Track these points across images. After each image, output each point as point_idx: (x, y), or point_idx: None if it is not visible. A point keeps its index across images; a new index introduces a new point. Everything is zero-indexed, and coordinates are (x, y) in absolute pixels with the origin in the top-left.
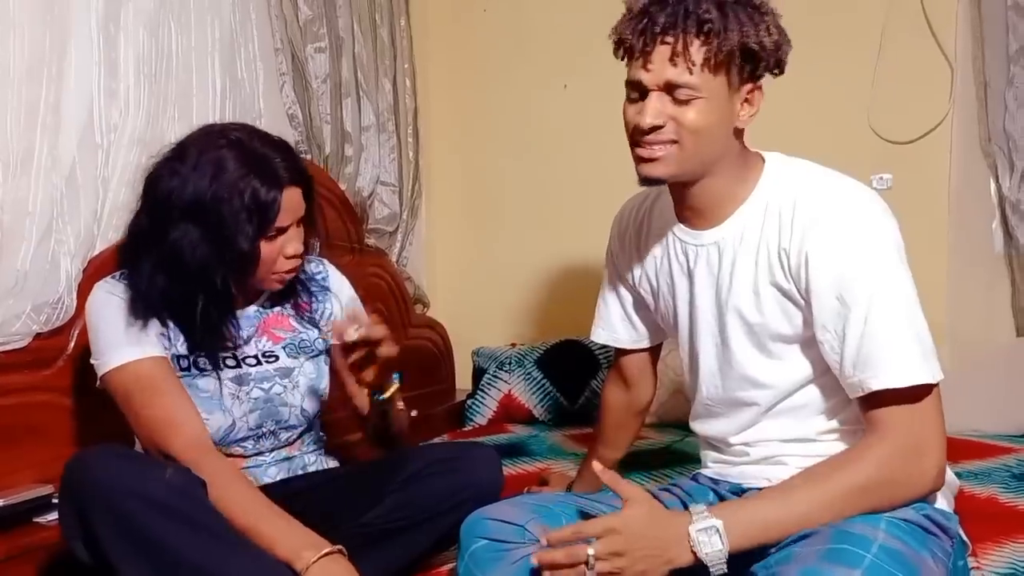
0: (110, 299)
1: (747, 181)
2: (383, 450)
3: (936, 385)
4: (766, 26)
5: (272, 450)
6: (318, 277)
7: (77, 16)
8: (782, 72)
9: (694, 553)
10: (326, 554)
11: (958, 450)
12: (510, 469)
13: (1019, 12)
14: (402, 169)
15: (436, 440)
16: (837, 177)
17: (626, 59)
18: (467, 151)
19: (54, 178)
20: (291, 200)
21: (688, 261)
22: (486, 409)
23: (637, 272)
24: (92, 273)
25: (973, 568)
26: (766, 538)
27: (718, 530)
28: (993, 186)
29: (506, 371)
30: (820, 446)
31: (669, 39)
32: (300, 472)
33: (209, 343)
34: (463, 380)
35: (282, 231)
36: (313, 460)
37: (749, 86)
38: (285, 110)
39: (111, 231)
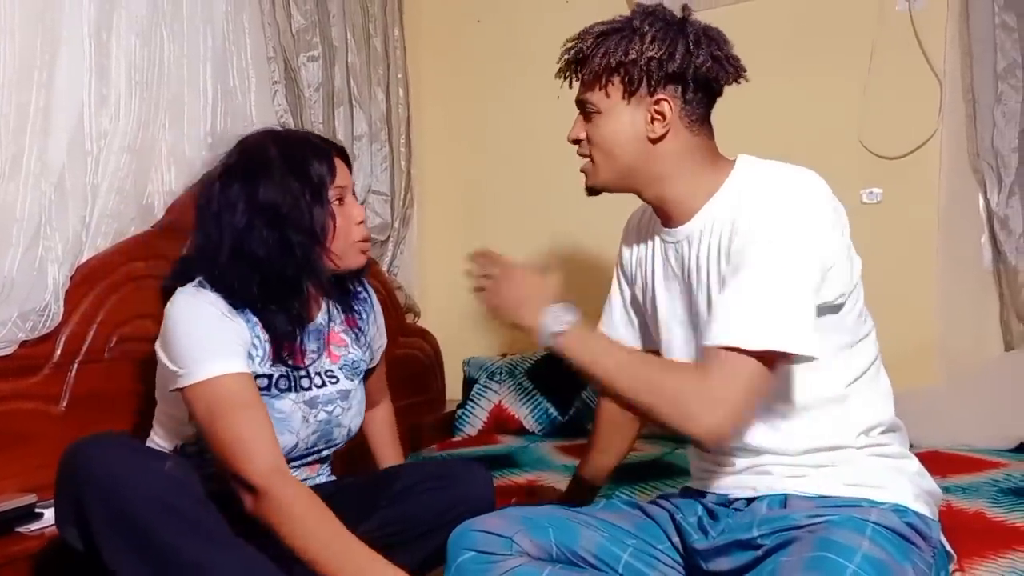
0: (199, 305)
1: (713, 181)
2: None
3: (772, 357)
4: (640, 44)
5: (307, 466)
6: (360, 296)
7: (69, 22)
8: (705, 84)
9: (538, 321)
10: None
11: (947, 464)
12: (499, 480)
13: (1007, 30)
14: (394, 178)
15: (425, 450)
16: (796, 169)
17: None
18: (459, 161)
19: (43, 184)
20: (341, 167)
21: (670, 260)
22: (476, 419)
23: (634, 272)
24: (80, 280)
25: None
26: (587, 361)
27: (570, 322)
28: (982, 201)
29: (496, 381)
30: (805, 457)
31: (569, 67)
32: None
33: (293, 333)
34: (453, 390)
35: (343, 194)
36: (322, 480)
37: (650, 100)
38: (277, 118)
39: (99, 239)
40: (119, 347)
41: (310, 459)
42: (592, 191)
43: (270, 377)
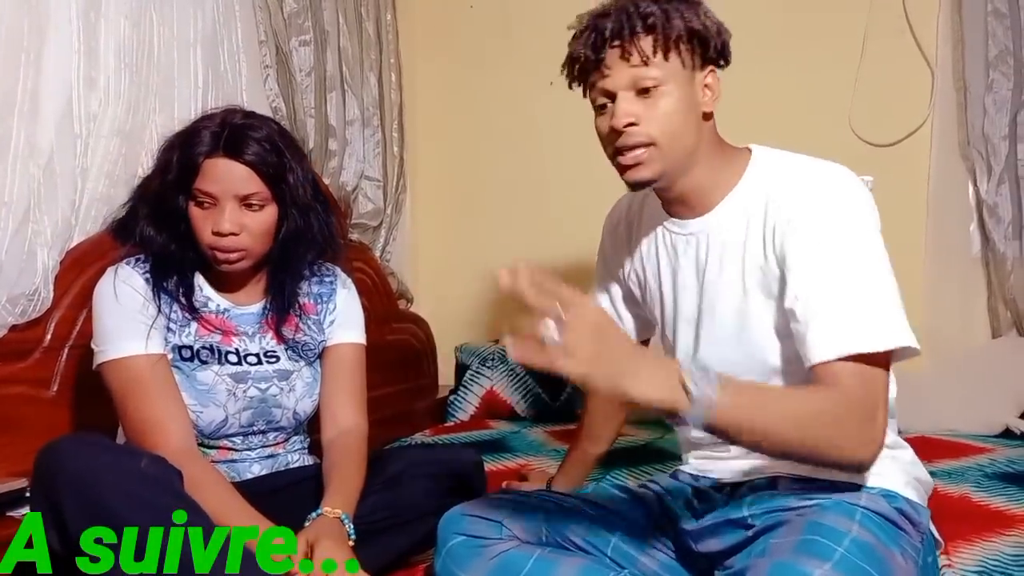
0: (119, 286)
1: (732, 171)
2: None
3: (891, 352)
4: (703, 12)
5: (260, 447)
6: (327, 280)
7: (56, 4)
8: (728, 63)
9: (683, 387)
10: None
11: (933, 449)
12: (491, 465)
13: (999, 17)
14: (387, 164)
15: (418, 435)
16: (822, 161)
17: (581, 78)
18: (452, 147)
19: (31, 167)
20: (223, 170)
21: (676, 252)
22: (468, 405)
23: (627, 267)
24: (69, 265)
25: (945, 566)
26: (746, 428)
27: (716, 377)
28: (971, 189)
29: (489, 367)
30: None
31: (617, 42)
32: (283, 469)
33: (179, 289)
34: (446, 376)
35: (208, 200)
36: (296, 459)
37: (706, 71)
38: (269, 103)
39: (89, 222)
40: None
41: (255, 438)
42: (640, 185)
43: (191, 348)
